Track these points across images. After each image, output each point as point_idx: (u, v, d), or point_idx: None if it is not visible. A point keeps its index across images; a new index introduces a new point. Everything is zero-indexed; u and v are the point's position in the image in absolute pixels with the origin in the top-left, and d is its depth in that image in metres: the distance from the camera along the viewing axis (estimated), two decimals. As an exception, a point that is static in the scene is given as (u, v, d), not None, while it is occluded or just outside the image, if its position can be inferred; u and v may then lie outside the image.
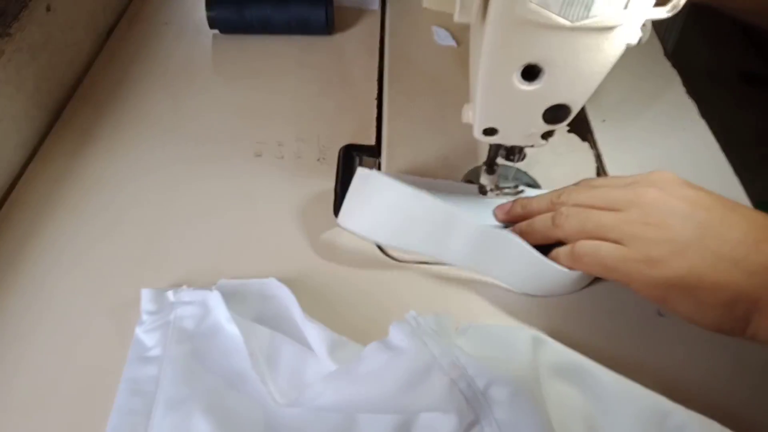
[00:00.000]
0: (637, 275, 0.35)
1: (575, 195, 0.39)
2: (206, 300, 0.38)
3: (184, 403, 0.33)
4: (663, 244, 0.34)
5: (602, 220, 0.37)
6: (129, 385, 0.35)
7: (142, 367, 0.35)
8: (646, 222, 0.35)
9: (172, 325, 0.37)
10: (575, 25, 0.31)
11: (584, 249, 0.37)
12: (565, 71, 0.34)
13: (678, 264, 0.33)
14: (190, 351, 0.36)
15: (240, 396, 0.34)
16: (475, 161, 0.50)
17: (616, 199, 0.37)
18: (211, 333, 0.37)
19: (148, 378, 0.35)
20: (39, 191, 0.47)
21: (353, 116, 0.55)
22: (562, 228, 0.38)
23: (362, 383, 0.32)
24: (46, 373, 0.36)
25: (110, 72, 0.59)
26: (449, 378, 0.32)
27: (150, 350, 0.36)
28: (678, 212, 0.35)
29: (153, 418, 0.33)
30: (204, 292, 0.38)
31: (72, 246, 0.43)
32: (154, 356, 0.36)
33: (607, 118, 0.55)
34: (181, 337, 0.36)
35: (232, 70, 0.60)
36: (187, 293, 0.38)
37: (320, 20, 0.62)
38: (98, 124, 0.53)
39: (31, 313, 0.39)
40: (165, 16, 0.66)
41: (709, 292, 0.33)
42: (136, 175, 0.49)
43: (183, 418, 0.33)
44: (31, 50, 0.50)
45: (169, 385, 0.34)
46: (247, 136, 0.52)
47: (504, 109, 0.37)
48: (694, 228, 0.34)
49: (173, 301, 0.38)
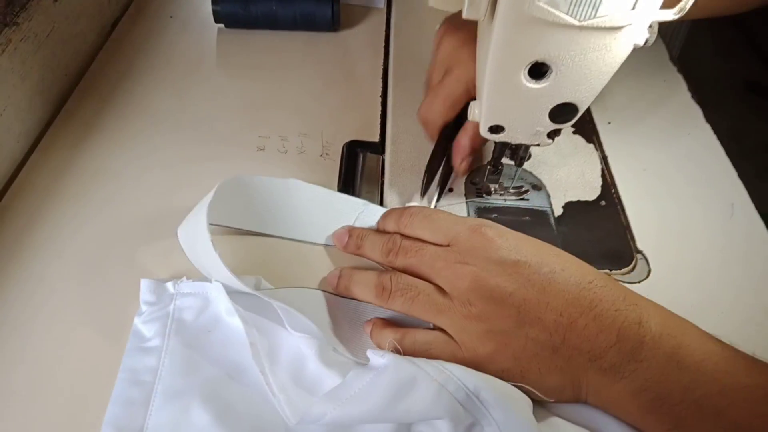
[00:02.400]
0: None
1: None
2: (206, 291, 0.38)
3: (183, 394, 0.33)
4: (487, 339, 0.33)
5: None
6: (128, 375, 0.34)
7: (141, 357, 0.35)
8: (468, 314, 0.33)
9: (171, 316, 0.37)
10: (583, 24, 0.31)
11: (416, 341, 0.35)
12: (573, 70, 0.34)
13: (503, 358, 0.33)
14: (189, 342, 0.36)
15: (239, 388, 0.34)
16: (479, 160, 0.50)
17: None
18: (210, 324, 0.37)
19: (146, 368, 0.35)
20: (41, 181, 0.47)
21: (357, 113, 0.55)
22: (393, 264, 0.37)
23: (349, 405, 0.31)
24: (44, 363, 0.36)
25: (114, 64, 0.58)
26: (437, 383, 0.31)
27: (149, 341, 0.36)
28: (496, 296, 0.33)
29: (151, 408, 0.33)
30: (204, 284, 0.38)
31: (73, 237, 0.43)
32: (153, 347, 0.35)
33: (613, 121, 0.55)
34: (180, 329, 0.36)
35: (236, 65, 0.60)
36: (186, 285, 0.38)
37: (326, 16, 0.62)
38: (101, 115, 0.53)
39: (32, 303, 0.39)
40: (170, 9, 0.66)
41: (535, 381, 0.33)
42: (138, 168, 0.48)
43: (182, 409, 0.33)
44: (36, 40, 0.50)
45: (168, 376, 0.34)
46: (250, 131, 0.52)
47: (511, 107, 0.37)
48: (514, 315, 0.33)
49: (173, 293, 0.38)
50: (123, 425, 0.32)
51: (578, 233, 0.45)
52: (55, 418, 0.34)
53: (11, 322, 0.38)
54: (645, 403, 0.31)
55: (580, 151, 0.52)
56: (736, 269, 0.43)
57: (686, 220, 0.47)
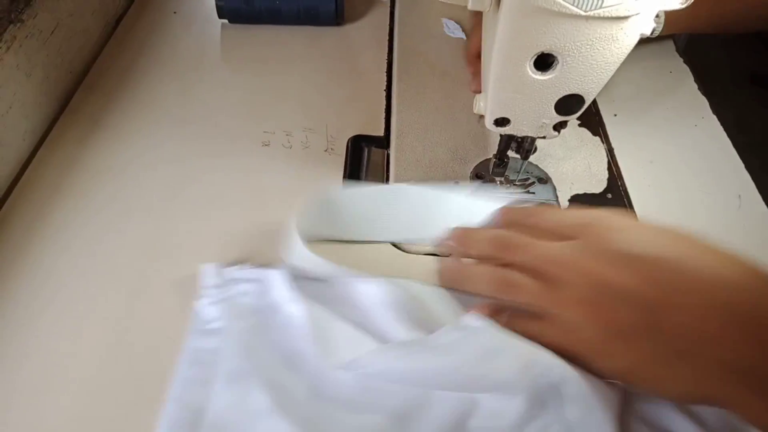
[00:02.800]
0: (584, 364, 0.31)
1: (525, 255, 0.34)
2: (267, 278, 0.38)
3: (244, 377, 0.34)
4: (609, 340, 0.30)
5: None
6: (190, 356, 0.35)
7: (203, 339, 0.36)
8: (587, 313, 0.30)
9: (232, 300, 0.37)
10: (589, 14, 0.30)
11: (527, 330, 0.32)
12: (579, 61, 0.33)
13: (620, 362, 0.30)
14: (250, 327, 0.36)
15: (297, 375, 0.34)
16: (485, 153, 0.50)
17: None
18: (270, 311, 0.37)
19: (208, 350, 0.35)
20: (47, 178, 0.47)
21: (362, 107, 0.55)
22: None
23: (434, 353, 0.31)
24: (53, 358, 0.36)
25: (119, 60, 0.58)
26: (524, 360, 0.31)
27: (210, 323, 0.37)
28: (621, 295, 0.30)
29: (214, 388, 0.34)
30: (265, 270, 0.39)
31: (79, 232, 0.43)
32: (215, 329, 0.36)
33: (619, 113, 0.55)
34: (241, 313, 0.37)
35: (240, 60, 0.60)
36: (248, 271, 0.39)
37: (330, 11, 0.62)
38: (106, 111, 0.53)
39: (40, 297, 0.39)
40: (174, 4, 0.66)
41: (655, 387, 0.30)
42: (143, 163, 0.48)
43: (242, 392, 0.33)
44: (41, 37, 0.50)
45: (229, 358, 0.34)
46: (254, 126, 0.52)
47: (516, 99, 0.37)
48: (640, 316, 0.29)
49: (235, 278, 0.39)
50: (187, 402, 0.33)
51: (584, 226, 0.45)
52: (62, 413, 0.34)
53: (20, 316, 0.38)
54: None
55: (586, 144, 0.51)
56: (744, 261, 0.43)
57: (693, 212, 0.46)
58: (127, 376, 0.36)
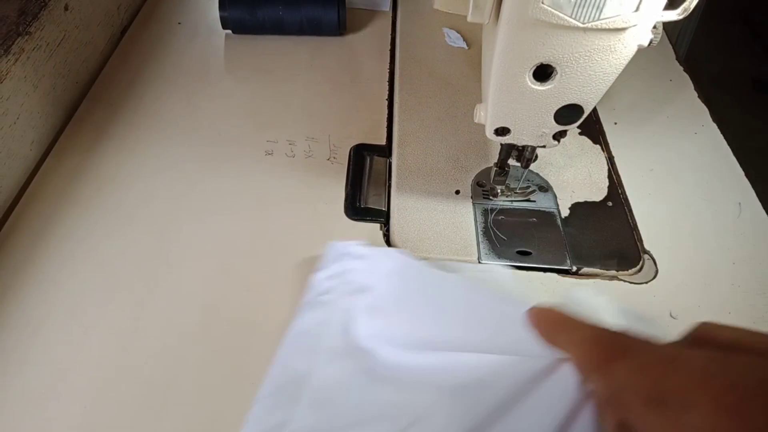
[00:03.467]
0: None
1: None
2: (375, 255, 0.40)
3: (347, 354, 0.35)
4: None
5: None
6: (300, 325, 0.37)
7: (313, 311, 0.37)
8: None
9: (343, 276, 0.39)
10: (587, 26, 0.31)
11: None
12: (578, 71, 0.34)
13: None
14: (352, 307, 0.37)
15: (395, 355, 0.35)
16: (486, 162, 0.50)
17: None
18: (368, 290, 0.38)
19: (316, 322, 0.37)
20: (54, 187, 0.47)
21: (364, 116, 0.55)
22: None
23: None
24: (58, 364, 0.37)
25: (124, 71, 0.59)
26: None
27: (322, 295, 0.38)
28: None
29: (318, 359, 0.35)
30: (374, 248, 0.40)
31: (85, 241, 0.44)
32: (325, 301, 0.38)
33: (619, 121, 0.55)
34: (349, 289, 0.38)
35: (244, 70, 0.61)
36: (359, 248, 0.40)
37: (332, 21, 0.63)
38: (112, 122, 0.53)
39: (45, 306, 0.40)
40: (179, 15, 0.67)
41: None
42: (148, 173, 0.49)
43: (343, 370, 0.34)
44: (48, 48, 0.50)
45: (333, 336, 0.36)
46: (258, 135, 0.53)
47: (516, 109, 0.38)
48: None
49: (348, 252, 0.40)
50: (293, 367, 0.35)
51: (585, 234, 0.45)
52: (68, 421, 0.35)
53: (26, 324, 0.39)
54: None
55: (586, 152, 0.52)
56: (743, 269, 0.43)
57: (693, 220, 0.47)
58: (132, 384, 0.36)
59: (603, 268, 0.43)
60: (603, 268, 0.43)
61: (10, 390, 0.36)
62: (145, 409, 0.35)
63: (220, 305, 0.40)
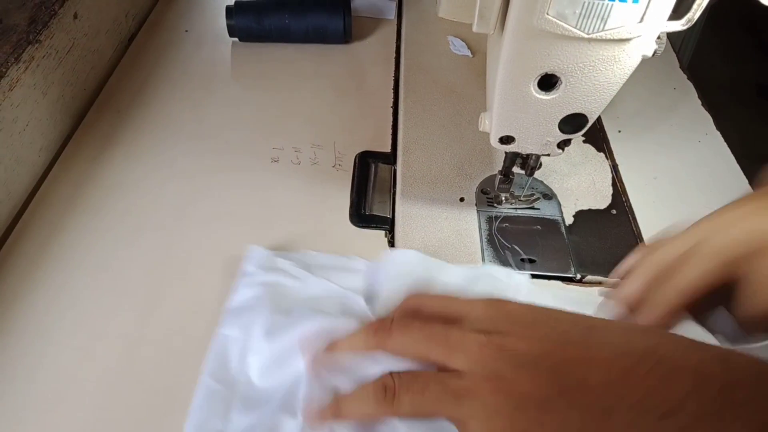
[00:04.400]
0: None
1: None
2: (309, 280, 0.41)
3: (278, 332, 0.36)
4: (521, 417, 0.26)
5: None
6: (227, 320, 0.38)
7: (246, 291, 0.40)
8: (496, 389, 0.27)
9: (271, 287, 0.40)
10: (592, 36, 0.31)
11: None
12: (582, 81, 0.34)
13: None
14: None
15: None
16: (490, 169, 0.50)
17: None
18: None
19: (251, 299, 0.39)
20: (61, 194, 0.48)
21: (369, 124, 0.56)
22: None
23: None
24: (66, 370, 0.37)
25: (131, 78, 0.60)
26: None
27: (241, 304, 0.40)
28: (528, 360, 0.27)
29: (251, 344, 0.37)
30: (310, 277, 0.41)
31: (93, 247, 0.44)
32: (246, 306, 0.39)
33: (623, 129, 0.55)
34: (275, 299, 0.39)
35: (250, 78, 0.61)
36: (294, 269, 0.41)
37: (338, 29, 0.63)
38: (119, 128, 0.54)
39: (53, 312, 0.40)
40: (186, 23, 0.68)
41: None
42: (155, 179, 0.49)
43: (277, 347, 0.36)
44: (57, 56, 0.51)
45: (263, 319, 0.37)
46: (264, 142, 0.53)
47: (521, 118, 0.38)
48: (552, 380, 0.26)
49: (280, 269, 0.41)
50: (225, 356, 0.37)
51: (589, 242, 0.45)
52: (76, 426, 0.35)
53: (33, 329, 0.39)
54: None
55: (590, 160, 0.52)
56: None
57: (698, 228, 0.47)
58: (139, 390, 0.36)
59: (607, 275, 0.43)
60: (607, 275, 0.43)
61: (17, 395, 0.36)
62: (151, 416, 0.35)
63: (226, 311, 0.40)
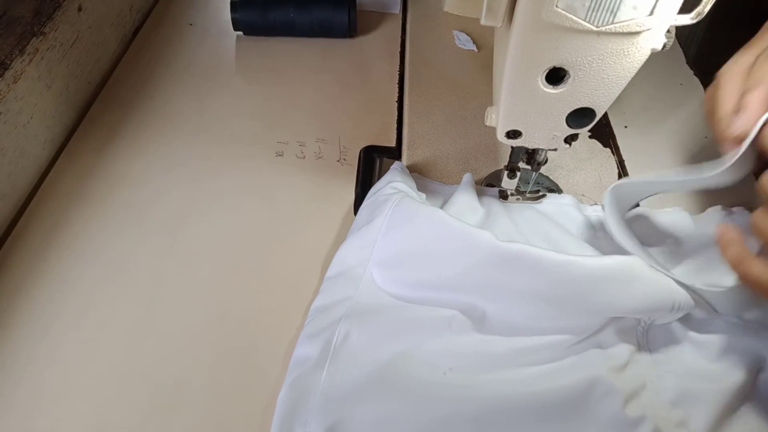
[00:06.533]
0: None
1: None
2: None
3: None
4: None
5: None
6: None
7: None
8: None
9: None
10: (601, 29, 0.31)
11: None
12: (590, 75, 0.34)
13: None
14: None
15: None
16: (495, 164, 0.50)
17: None
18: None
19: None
20: (66, 186, 0.48)
21: (374, 118, 0.56)
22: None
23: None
24: (71, 362, 0.37)
25: (136, 71, 0.60)
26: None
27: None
28: None
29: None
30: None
31: (96, 239, 0.44)
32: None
33: (630, 125, 0.55)
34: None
35: (255, 72, 0.61)
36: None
37: (343, 23, 0.63)
38: (123, 121, 0.54)
39: (58, 302, 0.40)
40: (190, 17, 0.67)
41: None
42: (159, 173, 0.49)
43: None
44: (62, 49, 0.51)
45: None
46: (269, 136, 0.53)
47: (528, 112, 0.38)
48: None
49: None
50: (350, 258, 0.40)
51: (595, 237, 0.45)
52: (80, 418, 0.35)
53: (36, 321, 0.39)
54: None
55: (596, 155, 0.52)
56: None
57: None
58: (143, 383, 0.36)
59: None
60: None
61: (20, 388, 0.36)
62: (155, 408, 0.35)
63: (229, 304, 0.41)
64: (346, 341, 0.35)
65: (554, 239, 0.43)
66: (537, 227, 0.44)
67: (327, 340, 0.35)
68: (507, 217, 0.44)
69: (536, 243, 0.43)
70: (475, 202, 0.45)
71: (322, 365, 0.34)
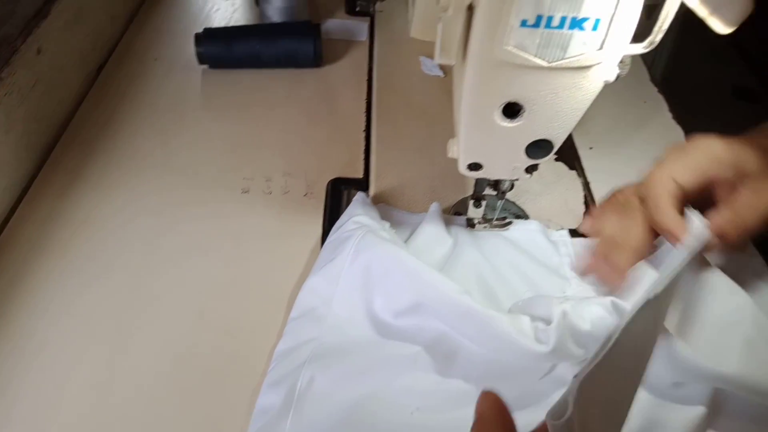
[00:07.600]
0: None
1: None
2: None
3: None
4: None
5: None
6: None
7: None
8: None
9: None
10: (552, 65, 0.31)
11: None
12: (545, 108, 0.34)
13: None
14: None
15: None
16: (463, 192, 0.50)
17: None
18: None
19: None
20: (27, 234, 0.47)
21: (341, 148, 0.55)
22: None
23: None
24: (32, 419, 0.36)
25: (100, 110, 0.59)
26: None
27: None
28: None
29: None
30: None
31: (60, 288, 0.43)
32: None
33: (595, 146, 0.55)
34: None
35: (221, 105, 0.61)
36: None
37: (308, 53, 0.63)
38: (87, 163, 0.53)
39: (21, 358, 0.39)
40: (155, 51, 0.67)
41: None
42: (124, 215, 0.48)
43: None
44: (20, 93, 0.50)
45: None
46: (235, 172, 0.52)
47: (487, 145, 0.38)
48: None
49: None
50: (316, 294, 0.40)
51: (564, 263, 0.45)
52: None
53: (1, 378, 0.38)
54: None
55: (563, 178, 0.52)
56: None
57: (672, 244, 0.47)
58: (107, 439, 0.35)
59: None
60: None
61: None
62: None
63: (192, 352, 0.40)
64: (311, 386, 0.35)
65: (522, 269, 0.43)
66: (505, 256, 0.44)
67: (291, 387, 0.35)
68: (475, 247, 0.44)
69: (505, 273, 0.43)
70: (443, 232, 0.44)
71: (286, 414, 0.33)
